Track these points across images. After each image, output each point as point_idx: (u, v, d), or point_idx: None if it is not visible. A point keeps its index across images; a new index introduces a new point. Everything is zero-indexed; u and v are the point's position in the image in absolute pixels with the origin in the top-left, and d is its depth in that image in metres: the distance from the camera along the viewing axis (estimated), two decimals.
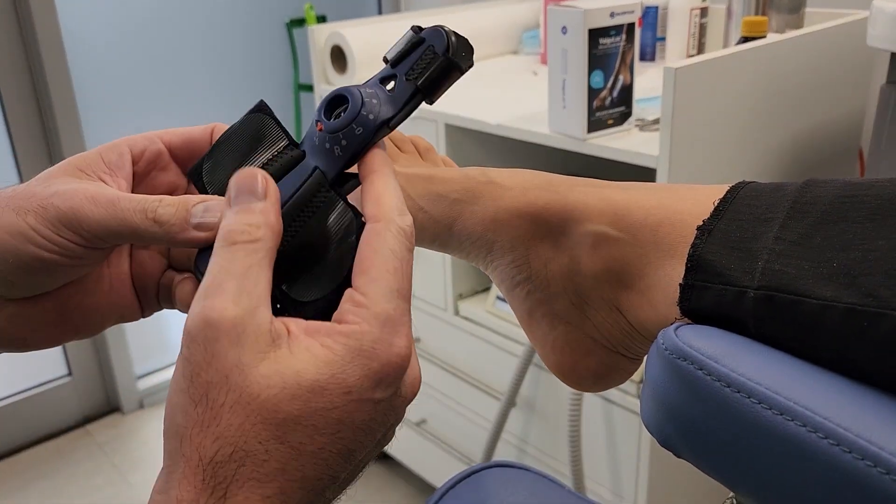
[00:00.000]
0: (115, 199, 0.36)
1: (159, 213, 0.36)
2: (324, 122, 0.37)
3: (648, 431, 0.35)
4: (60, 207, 0.36)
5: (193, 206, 0.36)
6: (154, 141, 0.41)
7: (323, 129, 0.37)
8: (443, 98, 0.40)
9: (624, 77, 1.03)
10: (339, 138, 0.37)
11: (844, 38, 1.13)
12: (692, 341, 0.32)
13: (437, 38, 0.39)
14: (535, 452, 1.32)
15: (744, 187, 0.37)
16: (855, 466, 0.26)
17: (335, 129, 0.37)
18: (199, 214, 0.36)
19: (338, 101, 0.38)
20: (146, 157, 0.41)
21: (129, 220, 0.36)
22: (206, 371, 0.29)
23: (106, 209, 0.36)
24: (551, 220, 0.43)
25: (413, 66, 0.38)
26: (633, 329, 0.42)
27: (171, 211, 0.36)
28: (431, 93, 0.39)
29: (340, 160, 0.37)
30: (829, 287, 0.31)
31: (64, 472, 1.89)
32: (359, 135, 0.36)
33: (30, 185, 0.38)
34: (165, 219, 0.36)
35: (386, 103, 0.38)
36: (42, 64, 1.74)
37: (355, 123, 0.36)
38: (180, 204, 0.37)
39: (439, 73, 0.38)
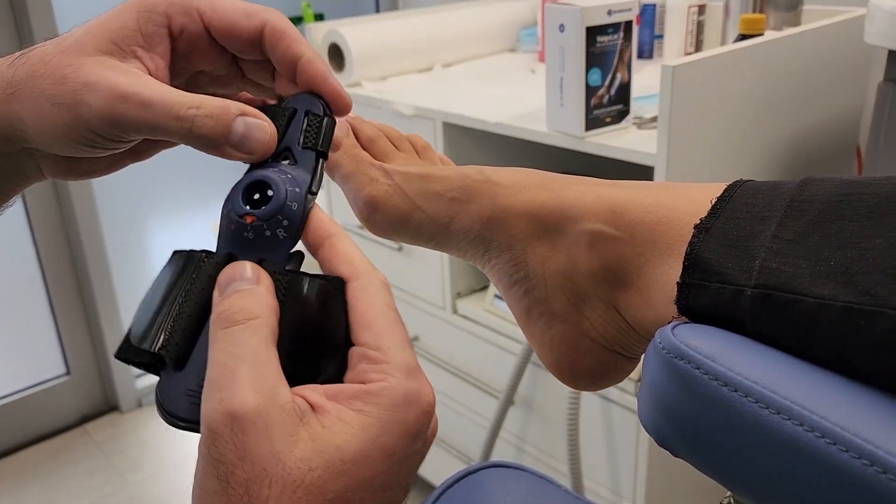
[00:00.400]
0: (148, 101, 0.35)
1: (196, 126, 0.35)
2: (253, 213, 0.35)
3: (646, 431, 0.35)
4: (92, 106, 0.35)
5: (234, 120, 0.35)
6: (195, 19, 0.38)
7: (257, 218, 0.35)
8: (441, 96, 0.40)
9: (622, 75, 1.03)
10: (279, 221, 0.35)
11: (842, 36, 1.13)
12: (689, 340, 0.32)
13: (310, 103, 0.39)
14: (533, 451, 1.32)
15: (741, 186, 0.37)
16: (851, 465, 0.26)
17: (272, 213, 0.35)
18: (240, 132, 0.35)
19: (250, 191, 0.36)
20: (185, 37, 0.39)
21: (161, 125, 0.35)
22: (240, 468, 0.28)
23: (139, 111, 0.35)
24: (548, 219, 0.43)
25: (304, 135, 0.38)
26: (630, 328, 0.42)
27: (210, 124, 0.35)
28: (327, 152, 0.39)
29: (288, 240, 0.35)
30: (826, 285, 0.31)
31: (62, 472, 1.89)
32: (296, 210, 0.35)
33: (61, 59, 0.36)
34: (202, 133, 0.35)
35: (299, 174, 0.37)
36: None
37: (289, 200, 0.35)
38: (220, 117, 0.35)
39: (329, 132, 0.39)
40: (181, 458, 1.93)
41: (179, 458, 1.93)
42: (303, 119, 0.39)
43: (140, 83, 0.36)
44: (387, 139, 0.53)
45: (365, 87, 1.44)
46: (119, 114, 0.35)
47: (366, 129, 0.53)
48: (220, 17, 0.39)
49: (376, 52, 1.45)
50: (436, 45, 1.56)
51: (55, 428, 2.03)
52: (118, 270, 1.98)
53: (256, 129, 0.36)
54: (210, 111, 0.35)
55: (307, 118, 0.39)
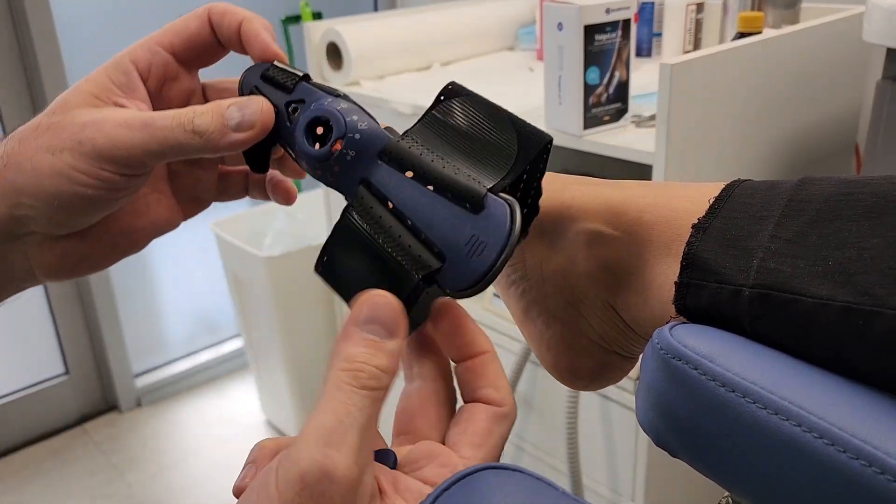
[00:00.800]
0: (149, 119, 0.36)
1: (197, 125, 0.37)
2: (336, 139, 0.37)
3: (644, 431, 0.35)
4: (97, 140, 0.36)
5: (227, 109, 0.37)
6: (156, 51, 0.41)
7: (340, 141, 0.37)
8: None
9: (620, 73, 1.02)
10: (352, 138, 0.37)
11: (840, 34, 1.13)
12: (687, 340, 0.32)
13: (261, 66, 0.42)
14: (532, 450, 1.32)
15: (739, 185, 0.37)
16: (850, 466, 0.26)
17: (342, 132, 0.37)
18: (236, 116, 0.37)
19: (311, 132, 0.38)
20: (154, 73, 0.41)
21: (169, 137, 0.36)
22: None
23: (143, 132, 0.36)
24: (546, 219, 0.43)
25: (284, 78, 0.41)
26: (628, 328, 0.42)
27: (208, 119, 0.37)
28: (307, 75, 0.41)
29: (367, 144, 0.37)
30: (824, 285, 0.31)
31: (61, 471, 1.89)
32: (356, 118, 0.38)
33: (51, 118, 0.37)
34: (204, 128, 0.37)
35: (317, 99, 0.39)
36: (35, 53, 1.74)
37: (345, 115, 0.38)
38: (215, 110, 0.37)
39: (289, 66, 0.42)
40: (180, 457, 1.93)
41: (179, 458, 1.93)
42: (272, 74, 0.41)
43: (134, 112, 0.37)
44: None
45: (363, 85, 1.44)
46: (124, 140, 0.36)
47: None
48: (175, 34, 0.41)
49: (374, 50, 1.45)
50: (434, 43, 1.55)
51: (54, 427, 2.03)
52: (117, 270, 1.98)
53: (248, 105, 0.38)
54: (203, 108, 0.38)
55: (274, 69, 0.41)
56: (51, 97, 1.75)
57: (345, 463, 0.29)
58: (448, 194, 0.34)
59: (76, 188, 0.36)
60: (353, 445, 0.29)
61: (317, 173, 0.38)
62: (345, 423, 0.29)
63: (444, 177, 0.35)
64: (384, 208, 0.35)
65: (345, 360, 0.31)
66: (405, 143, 0.36)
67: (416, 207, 0.35)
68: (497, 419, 0.34)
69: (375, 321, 0.32)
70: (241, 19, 0.42)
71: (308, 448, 0.29)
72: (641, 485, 1.12)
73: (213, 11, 0.42)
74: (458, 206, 0.34)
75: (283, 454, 0.30)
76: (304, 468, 0.28)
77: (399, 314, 0.33)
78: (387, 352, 0.32)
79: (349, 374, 0.31)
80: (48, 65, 1.75)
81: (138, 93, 0.40)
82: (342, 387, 0.30)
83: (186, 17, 0.42)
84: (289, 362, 1.82)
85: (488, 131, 0.37)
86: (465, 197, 0.34)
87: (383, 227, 0.35)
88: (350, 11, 2.05)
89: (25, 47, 1.74)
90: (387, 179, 0.36)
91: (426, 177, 0.35)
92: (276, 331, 1.79)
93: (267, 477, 0.30)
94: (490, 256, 0.33)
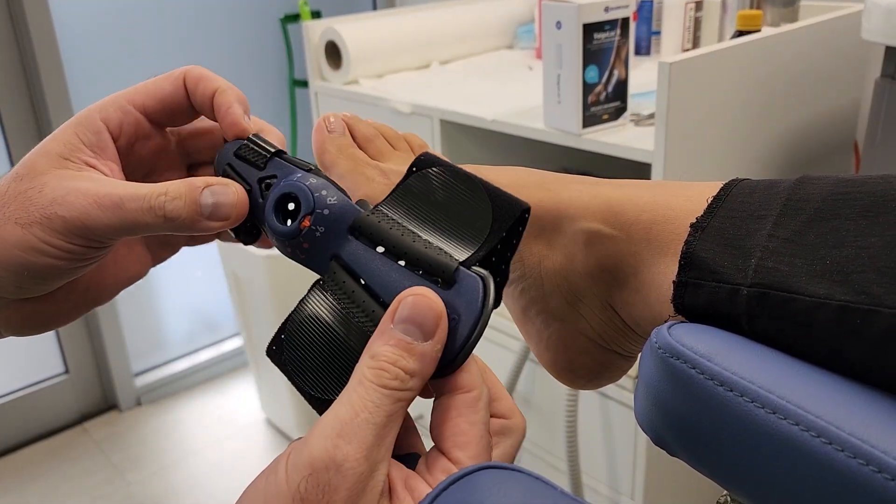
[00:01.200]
0: (120, 201, 0.35)
1: (168, 210, 0.36)
2: (305, 215, 0.36)
3: (642, 430, 0.35)
4: (66, 217, 0.35)
5: (200, 193, 0.36)
6: (127, 111, 0.40)
7: (309, 218, 0.36)
8: (438, 94, 0.40)
9: (619, 72, 1.02)
10: (321, 214, 0.36)
11: (839, 32, 1.13)
12: (685, 339, 0.32)
13: (235, 144, 0.42)
14: (532, 448, 1.33)
15: (737, 185, 0.37)
16: (847, 465, 0.26)
17: (311, 208, 0.36)
18: (209, 203, 0.36)
19: (280, 209, 0.38)
20: (125, 131, 0.40)
21: (139, 220, 0.36)
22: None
23: (113, 213, 0.35)
24: (545, 218, 0.43)
25: (256, 156, 0.40)
26: (627, 327, 0.42)
27: (181, 205, 0.36)
28: (282, 149, 0.41)
29: (340, 218, 0.37)
30: (822, 284, 0.31)
31: (61, 471, 1.89)
32: (325, 193, 0.37)
33: (19, 184, 0.36)
34: (175, 214, 0.36)
35: (290, 174, 0.38)
36: (35, 56, 1.74)
37: (313, 191, 0.37)
38: (188, 196, 0.36)
39: (264, 140, 0.41)
40: (180, 456, 1.93)
41: (179, 457, 1.93)
42: (244, 153, 0.40)
43: (106, 186, 0.36)
44: (383, 138, 0.53)
45: (362, 84, 1.44)
46: (94, 219, 0.35)
47: (362, 128, 0.53)
48: (148, 95, 0.40)
49: (373, 49, 1.45)
50: (433, 42, 1.55)
51: (54, 427, 2.03)
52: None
53: (222, 193, 0.37)
54: (177, 192, 0.36)
55: (245, 148, 0.40)
56: (50, 99, 1.76)
57: (354, 456, 0.29)
58: (419, 270, 0.34)
59: (45, 259, 0.35)
60: (366, 441, 0.29)
61: (287, 250, 0.37)
62: (360, 417, 0.30)
63: (414, 252, 0.34)
64: (356, 284, 0.35)
65: (371, 357, 0.31)
66: (375, 217, 0.36)
67: (388, 283, 0.34)
68: (470, 407, 0.33)
69: (412, 321, 0.32)
70: (216, 88, 0.41)
71: (321, 437, 0.29)
72: (641, 483, 1.12)
73: (189, 76, 0.41)
74: (429, 282, 0.33)
75: (296, 443, 0.30)
76: (313, 455, 0.29)
77: (439, 316, 0.32)
78: (418, 355, 0.31)
79: (373, 371, 0.31)
80: (49, 73, 1.75)
81: (108, 153, 0.39)
82: (364, 382, 0.31)
83: (160, 79, 0.41)
84: None
85: (462, 202, 0.36)
86: (436, 272, 0.33)
87: (356, 301, 0.34)
88: (349, 10, 2.05)
89: (25, 52, 1.74)
90: (358, 255, 0.35)
91: (397, 252, 0.34)
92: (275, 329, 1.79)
93: (277, 463, 0.30)
94: (463, 332, 0.33)
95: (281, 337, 0.35)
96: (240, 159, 0.40)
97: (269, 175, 0.39)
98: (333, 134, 0.51)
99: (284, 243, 0.37)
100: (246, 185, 0.39)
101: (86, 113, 0.39)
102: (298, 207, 0.37)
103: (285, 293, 1.76)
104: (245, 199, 0.38)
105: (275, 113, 2.19)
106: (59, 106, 1.79)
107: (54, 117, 1.78)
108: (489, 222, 0.36)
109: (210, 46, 2.01)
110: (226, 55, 2.05)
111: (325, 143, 0.50)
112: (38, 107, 1.79)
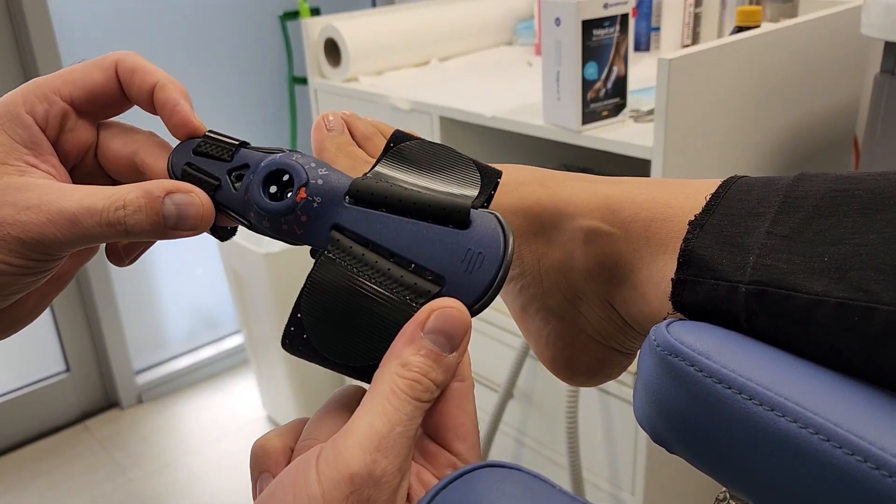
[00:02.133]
0: (74, 217, 0.33)
1: (129, 225, 0.34)
2: (300, 187, 0.35)
3: (641, 428, 0.35)
4: (21, 238, 0.33)
5: (162, 203, 0.34)
6: (53, 101, 0.36)
7: (304, 190, 0.35)
8: (437, 91, 0.41)
9: (618, 68, 1.02)
10: (316, 185, 0.35)
11: (838, 27, 1.13)
12: (683, 337, 0.32)
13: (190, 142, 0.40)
14: (532, 444, 1.33)
15: (735, 182, 0.37)
16: (846, 462, 0.26)
17: (304, 181, 0.35)
18: (172, 214, 0.34)
19: (267, 187, 0.36)
20: (51, 123, 0.37)
21: (98, 235, 0.34)
22: None
23: (69, 230, 0.33)
24: (544, 216, 0.43)
25: (221, 149, 0.38)
26: (625, 324, 0.42)
27: (142, 218, 0.34)
28: (243, 141, 0.39)
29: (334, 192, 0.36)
30: (820, 281, 0.31)
31: (63, 469, 1.89)
32: (315, 166, 0.36)
33: None
34: (138, 229, 0.34)
35: (259, 160, 0.37)
36: (34, 55, 1.74)
37: (304, 166, 0.36)
38: (148, 208, 0.34)
39: (222, 135, 0.39)
40: (182, 453, 1.93)
41: (180, 454, 1.93)
42: (205, 150, 0.38)
43: (59, 200, 0.34)
44: (382, 136, 0.53)
45: (361, 81, 1.43)
46: (51, 237, 0.33)
47: (361, 126, 0.53)
48: (74, 85, 0.37)
49: (372, 46, 1.45)
50: (432, 38, 1.55)
51: (55, 425, 2.03)
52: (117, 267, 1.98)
53: (186, 204, 0.35)
54: (136, 205, 0.34)
55: (205, 144, 0.38)
56: None
57: (391, 471, 0.29)
58: (429, 219, 0.33)
59: (3, 278, 0.34)
60: (402, 454, 0.29)
61: (283, 228, 0.35)
62: (396, 430, 0.30)
63: (421, 202, 0.34)
64: (365, 248, 0.34)
65: (404, 367, 0.31)
66: (372, 178, 0.35)
67: (399, 239, 0.33)
68: (464, 397, 0.33)
69: (443, 332, 0.32)
70: (154, 83, 0.38)
71: (360, 450, 0.29)
72: (641, 478, 1.12)
73: (122, 66, 0.38)
74: (442, 228, 0.33)
75: (326, 451, 0.30)
76: (353, 470, 0.28)
77: (467, 330, 0.32)
78: (445, 366, 0.31)
79: (407, 382, 0.31)
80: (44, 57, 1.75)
81: (44, 147, 0.36)
82: (398, 394, 0.30)
83: (89, 66, 0.37)
84: (289, 358, 1.83)
85: (447, 164, 0.37)
86: (448, 216, 0.33)
87: (368, 264, 0.33)
88: (348, 7, 2.05)
89: (24, 51, 1.74)
90: (360, 219, 0.34)
91: (401, 207, 0.34)
92: (276, 327, 1.79)
93: (305, 474, 0.29)
94: (492, 266, 0.32)
95: (297, 317, 0.34)
96: (201, 156, 0.38)
97: (240, 165, 0.37)
98: (332, 132, 0.51)
99: (279, 221, 0.35)
100: (214, 179, 0.37)
101: (8, 106, 0.36)
102: (285, 186, 0.36)
103: (285, 290, 1.76)
104: (210, 205, 0.36)
105: (274, 110, 2.19)
106: None
107: None
108: (478, 175, 0.36)
109: (209, 44, 2.01)
110: (225, 53, 2.05)
111: (325, 142, 0.50)
112: None
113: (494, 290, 0.33)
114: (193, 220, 0.35)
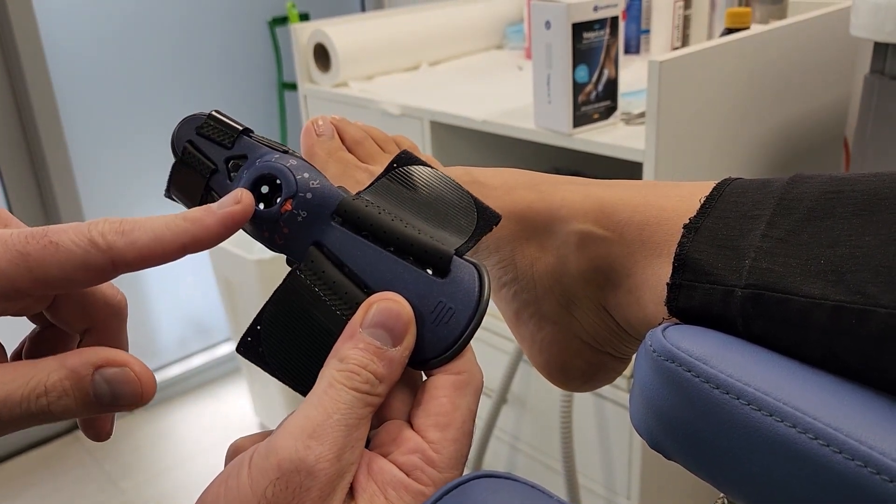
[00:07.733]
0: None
1: (57, 412, 0.28)
2: (286, 198, 0.34)
3: (638, 433, 0.34)
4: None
5: (91, 383, 0.29)
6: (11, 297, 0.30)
7: (290, 201, 0.34)
8: (428, 95, 0.40)
9: (609, 71, 1.02)
10: (304, 198, 0.34)
11: (828, 28, 1.13)
12: (680, 342, 0.31)
13: (186, 128, 0.38)
14: (527, 449, 1.32)
15: (729, 184, 0.37)
16: (846, 467, 0.26)
17: (293, 191, 0.34)
18: (106, 392, 0.29)
19: (257, 189, 0.35)
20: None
21: (26, 425, 0.29)
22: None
23: None
24: (536, 220, 0.43)
25: (221, 138, 0.37)
26: (620, 329, 0.41)
27: (69, 403, 0.28)
28: (245, 127, 0.38)
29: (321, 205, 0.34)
30: (816, 284, 0.30)
31: (54, 480, 1.88)
32: (308, 176, 0.35)
33: None
34: (68, 414, 0.29)
35: (262, 154, 0.36)
36: (22, 68, 1.72)
37: (296, 174, 0.35)
38: (76, 391, 0.29)
39: (225, 117, 0.38)
40: (174, 462, 1.92)
41: (172, 463, 1.92)
42: (207, 131, 0.37)
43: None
44: (372, 141, 0.53)
45: (351, 86, 1.43)
46: None
47: (351, 131, 0.52)
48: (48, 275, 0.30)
49: (362, 51, 1.45)
50: (422, 43, 1.55)
51: (46, 435, 2.02)
52: None
53: (121, 381, 0.29)
54: (60, 390, 0.28)
55: (208, 125, 0.37)
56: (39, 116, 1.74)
57: (327, 457, 0.28)
58: (410, 258, 0.33)
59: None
60: (338, 442, 0.29)
61: (263, 235, 0.34)
62: (333, 418, 0.29)
63: (406, 238, 0.33)
64: (339, 272, 0.33)
65: (341, 361, 0.31)
66: (361, 202, 0.34)
67: (375, 272, 0.33)
68: (458, 390, 0.32)
69: (383, 326, 0.31)
70: None
71: (291, 438, 0.28)
72: (637, 483, 1.12)
73: None
74: (420, 271, 0.32)
75: (260, 444, 0.29)
76: (282, 457, 0.28)
77: (409, 323, 0.31)
78: (387, 360, 0.31)
79: (344, 374, 0.30)
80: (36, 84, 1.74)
81: None
82: (335, 385, 0.30)
83: None
84: None
85: (445, 200, 0.36)
86: (429, 260, 0.32)
87: (337, 292, 0.32)
88: (337, 12, 2.05)
89: (11, 62, 1.73)
90: (342, 241, 0.33)
91: (386, 238, 0.33)
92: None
93: (239, 468, 0.29)
94: (460, 324, 0.32)
95: (257, 328, 0.33)
96: (203, 137, 0.37)
97: (239, 155, 0.36)
98: (322, 137, 0.50)
99: (262, 227, 0.34)
100: (212, 164, 0.36)
101: None
102: (276, 189, 0.34)
103: None
104: (151, 378, 0.30)
105: (264, 116, 2.18)
106: (49, 120, 1.78)
107: (43, 134, 1.77)
108: (475, 215, 0.35)
109: (198, 50, 2.00)
110: (214, 58, 2.04)
111: (314, 147, 0.50)
112: (26, 122, 1.77)
113: (457, 350, 0.32)
114: (131, 398, 0.30)
